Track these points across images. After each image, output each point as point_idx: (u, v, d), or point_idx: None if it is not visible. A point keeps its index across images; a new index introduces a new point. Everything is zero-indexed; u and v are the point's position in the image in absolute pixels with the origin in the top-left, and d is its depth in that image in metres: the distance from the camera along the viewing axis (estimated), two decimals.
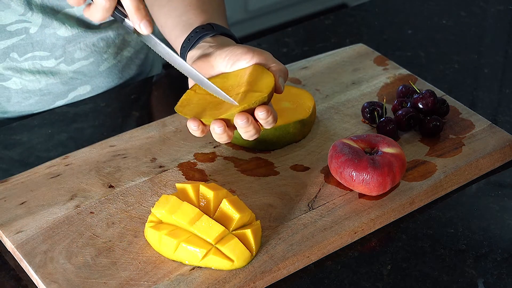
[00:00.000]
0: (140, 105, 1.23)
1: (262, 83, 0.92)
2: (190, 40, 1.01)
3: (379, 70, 1.21)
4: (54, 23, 1.15)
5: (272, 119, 0.90)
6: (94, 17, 0.88)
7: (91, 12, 0.88)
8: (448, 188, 1.02)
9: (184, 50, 1.02)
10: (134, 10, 0.87)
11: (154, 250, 0.91)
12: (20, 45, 1.15)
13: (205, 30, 1.01)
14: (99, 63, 1.23)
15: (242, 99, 0.90)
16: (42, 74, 1.19)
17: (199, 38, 1.01)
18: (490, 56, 1.31)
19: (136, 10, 0.87)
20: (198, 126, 0.90)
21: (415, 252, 0.94)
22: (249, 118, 0.89)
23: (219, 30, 1.02)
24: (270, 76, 0.93)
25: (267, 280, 0.90)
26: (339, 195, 0.99)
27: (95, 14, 0.88)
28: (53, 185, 1.00)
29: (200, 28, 1.02)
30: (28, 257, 0.91)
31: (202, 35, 1.01)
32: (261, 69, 0.94)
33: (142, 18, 0.87)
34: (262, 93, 0.90)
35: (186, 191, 0.93)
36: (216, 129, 0.90)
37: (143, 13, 0.87)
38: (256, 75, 0.93)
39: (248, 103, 0.89)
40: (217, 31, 1.01)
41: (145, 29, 0.88)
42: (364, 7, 1.45)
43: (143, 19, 0.87)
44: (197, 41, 1.01)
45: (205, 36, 1.01)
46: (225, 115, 0.89)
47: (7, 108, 1.21)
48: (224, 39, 1.01)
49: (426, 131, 1.08)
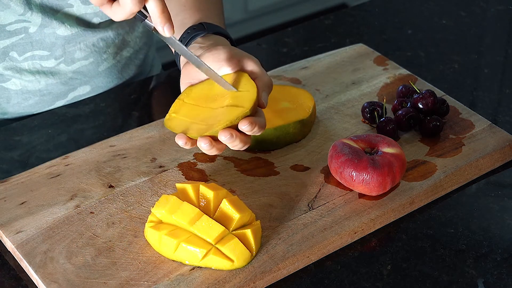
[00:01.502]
0: (140, 105, 1.23)
1: (245, 97, 0.92)
2: (182, 41, 1.01)
3: (379, 70, 1.21)
4: (53, 23, 1.15)
5: (258, 128, 0.91)
6: (116, 16, 0.88)
7: (114, 11, 0.88)
8: (448, 188, 1.02)
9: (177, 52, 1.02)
10: (159, 13, 0.88)
11: (154, 250, 0.91)
12: (20, 44, 1.15)
13: (196, 30, 1.01)
14: (99, 63, 1.23)
15: (225, 114, 0.91)
16: (41, 74, 1.19)
17: (191, 39, 1.01)
18: (490, 56, 1.31)
19: (161, 13, 0.88)
20: (185, 142, 0.91)
21: (415, 252, 0.94)
22: (233, 134, 0.90)
23: (210, 30, 1.02)
24: (253, 87, 0.93)
25: (267, 280, 0.90)
26: (339, 195, 0.99)
27: (117, 13, 0.88)
28: (53, 185, 1.00)
29: (191, 28, 1.02)
30: (28, 257, 0.91)
31: (194, 35, 1.01)
32: (245, 79, 0.94)
33: (166, 21, 0.89)
34: (244, 108, 0.90)
35: (186, 191, 0.93)
36: (203, 145, 0.91)
37: (167, 16, 0.89)
38: (240, 86, 0.93)
39: (230, 120, 0.90)
40: (208, 30, 1.01)
41: (168, 32, 0.89)
42: (364, 7, 1.45)
43: (166, 22, 0.89)
44: (189, 41, 1.01)
45: (196, 36, 1.01)
46: (209, 132, 0.90)
47: (7, 109, 1.21)
48: (215, 39, 1.00)
49: (426, 131, 1.08)
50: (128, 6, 0.86)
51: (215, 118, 0.92)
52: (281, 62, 1.25)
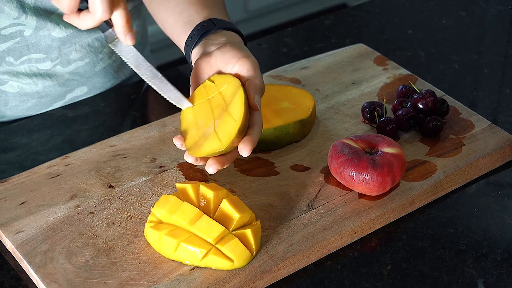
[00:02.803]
0: (140, 105, 1.23)
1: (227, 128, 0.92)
2: (193, 38, 1.02)
3: (379, 70, 1.21)
4: (48, 25, 1.15)
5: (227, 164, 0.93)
6: (83, 25, 0.92)
7: (82, 20, 0.92)
8: (448, 188, 1.02)
9: (188, 49, 1.02)
10: (124, 23, 0.92)
11: (154, 250, 0.91)
12: (15, 48, 1.15)
13: (206, 26, 1.01)
14: (95, 64, 1.23)
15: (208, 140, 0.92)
16: (38, 77, 1.19)
17: (202, 36, 1.01)
18: (490, 56, 1.31)
19: (126, 23, 0.92)
20: (181, 144, 0.95)
21: (415, 252, 0.94)
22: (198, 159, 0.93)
23: (220, 25, 1.02)
24: (240, 106, 0.92)
25: (267, 280, 0.90)
26: (339, 195, 0.99)
27: (86, 21, 0.92)
28: (53, 185, 1.00)
29: (201, 25, 1.02)
30: (28, 257, 0.91)
31: (204, 32, 1.01)
32: (235, 90, 0.94)
33: (129, 31, 0.93)
34: (221, 145, 0.91)
35: (186, 191, 0.93)
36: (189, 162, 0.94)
37: (130, 26, 0.93)
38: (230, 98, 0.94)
39: (206, 152, 0.91)
40: (218, 26, 1.01)
41: (130, 40, 0.94)
42: (364, 7, 1.45)
43: (130, 31, 0.93)
44: (200, 38, 1.01)
45: (207, 33, 1.01)
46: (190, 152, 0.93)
47: (5, 112, 1.21)
48: (227, 36, 1.00)
49: (426, 131, 1.08)
50: (98, 13, 0.90)
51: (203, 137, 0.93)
52: (281, 62, 1.25)
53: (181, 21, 1.05)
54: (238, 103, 0.92)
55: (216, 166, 0.92)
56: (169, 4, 1.08)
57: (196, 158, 0.93)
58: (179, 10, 1.06)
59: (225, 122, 0.92)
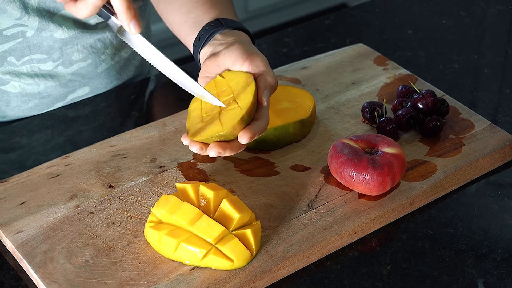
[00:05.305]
0: (140, 105, 1.23)
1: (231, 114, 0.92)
2: (200, 38, 1.01)
3: (379, 70, 1.21)
4: (50, 26, 1.14)
5: (229, 152, 0.92)
6: (80, 13, 0.87)
7: (78, 8, 0.87)
8: (448, 188, 1.02)
9: (196, 49, 1.02)
10: (124, 9, 0.87)
11: (154, 250, 0.91)
12: (17, 49, 1.15)
13: (214, 26, 1.01)
14: (97, 65, 1.23)
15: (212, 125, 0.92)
16: (40, 77, 1.19)
17: (210, 36, 1.01)
18: (490, 56, 1.31)
19: (127, 10, 0.87)
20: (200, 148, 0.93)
21: (415, 252, 0.94)
22: (203, 147, 0.92)
23: (228, 25, 1.02)
24: (248, 96, 0.93)
25: (267, 280, 0.90)
26: (339, 195, 0.99)
27: (82, 10, 0.87)
28: (53, 185, 1.00)
29: (209, 25, 1.02)
30: (28, 257, 0.91)
31: (212, 32, 1.01)
32: (246, 83, 0.94)
33: (132, 18, 0.88)
34: (222, 129, 0.91)
35: (186, 191, 0.93)
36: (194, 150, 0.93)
37: (133, 13, 0.87)
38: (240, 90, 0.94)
39: (206, 136, 0.91)
40: (226, 26, 1.01)
41: (134, 29, 0.88)
42: (364, 7, 1.45)
43: (132, 18, 0.88)
44: (208, 38, 1.01)
45: (215, 33, 1.01)
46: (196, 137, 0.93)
47: (7, 112, 1.21)
48: (235, 35, 1.00)
49: (426, 131, 1.08)
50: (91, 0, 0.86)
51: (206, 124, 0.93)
52: (281, 62, 1.25)
53: (189, 22, 1.05)
54: (248, 93, 0.93)
55: (217, 149, 0.90)
56: (176, 4, 1.08)
57: (191, 142, 0.91)
58: (186, 11, 1.06)
59: (231, 109, 0.93)
